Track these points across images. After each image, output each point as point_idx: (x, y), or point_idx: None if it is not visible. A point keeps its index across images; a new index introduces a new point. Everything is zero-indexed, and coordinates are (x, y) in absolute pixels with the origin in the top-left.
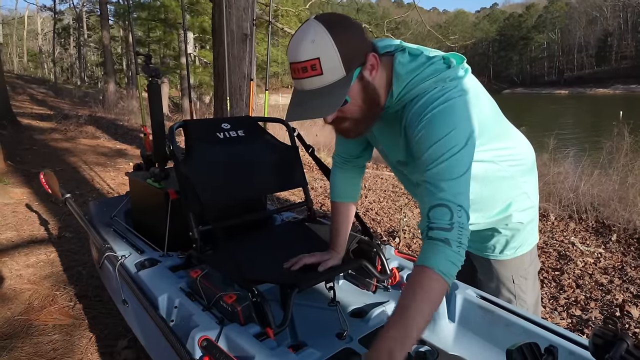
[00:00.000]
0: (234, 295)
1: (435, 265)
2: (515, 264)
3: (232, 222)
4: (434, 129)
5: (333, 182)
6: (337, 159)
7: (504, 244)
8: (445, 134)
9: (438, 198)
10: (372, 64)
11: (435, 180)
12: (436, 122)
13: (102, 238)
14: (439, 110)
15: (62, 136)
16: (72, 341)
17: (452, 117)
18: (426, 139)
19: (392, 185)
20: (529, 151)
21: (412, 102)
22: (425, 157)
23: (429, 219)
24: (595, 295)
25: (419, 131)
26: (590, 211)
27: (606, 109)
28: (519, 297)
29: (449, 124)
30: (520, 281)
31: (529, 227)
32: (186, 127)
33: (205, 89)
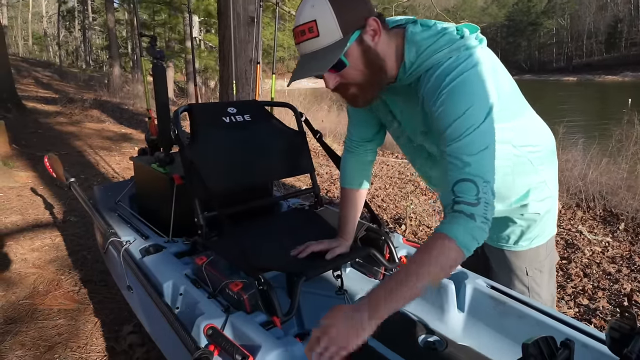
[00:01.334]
0: (240, 283)
1: (456, 236)
2: (530, 255)
3: (238, 208)
4: (453, 105)
5: (344, 167)
6: (349, 143)
7: (519, 235)
8: (464, 111)
9: (464, 172)
10: (373, 29)
11: (459, 154)
12: (454, 98)
13: (107, 223)
14: (456, 84)
15: (67, 120)
16: (77, 326)
17: (469, 91)
18: (446, 115)
19: (398, 172)
20: (548, 137)
21: (427, 73)
22: (448, 133)
23: (454, 194)
24: (602, 285)
25: (438, 107)
26: (598, 199)
27: (615, 96)
28: (532, 290)
29: (467, 100)
30: (534, 274)
31: (546, 218)
32: (191, 111)
33: (211, 74)
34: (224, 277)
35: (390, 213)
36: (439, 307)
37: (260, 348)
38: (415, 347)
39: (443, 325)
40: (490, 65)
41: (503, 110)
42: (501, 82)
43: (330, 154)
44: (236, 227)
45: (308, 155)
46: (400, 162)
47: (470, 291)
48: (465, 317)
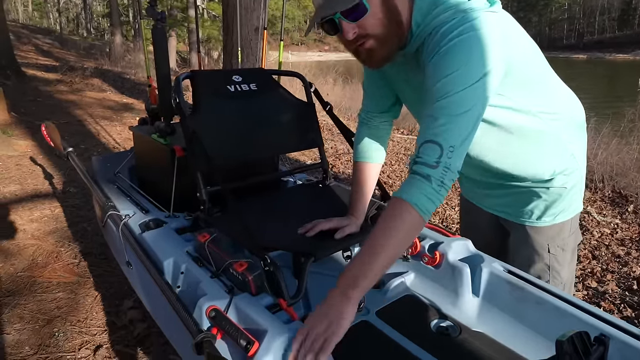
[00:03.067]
0: (245, 263)
1: (416, 202)
2: (554, 231)
3: (243, 183)
4: (446, 61)
5: (358, 140)
6: (364, 115)
7: (542, 210)
8: (456, 69)
9: (432, 134)
10: None
11: (436, 113)
12: (450, 54)
13: (105, 195)
14: (453, 44)
15: (67, 88)
16: (76, 299)
17: (467, 51)
18: (437, 71)
19: (404, 149)
20: (576, 107)
21: (430, 35)
22: (434, 90)
23: (418, 153)
24: (611, 267)
25: (432, 63)
26: (607, 180)
27: (625, 75)
28: (553, 269)
29: (462, 59)
30: (557, 251)
31: (573, 193)
32: (194, 79)
33: (214, 44)
34: (227, 256)
35: (395, 190)
36: (452, 292)
37: (267, 333)
38: (427, 333)
39: (457, 311)
40: (500, 31)
41: (516, 78)
42: (513, 49)
43: (340, 126)
44: (240, 203)
45: (317, 128)
46: (406, 138)
47: (486, 275)
48: (480, 303)
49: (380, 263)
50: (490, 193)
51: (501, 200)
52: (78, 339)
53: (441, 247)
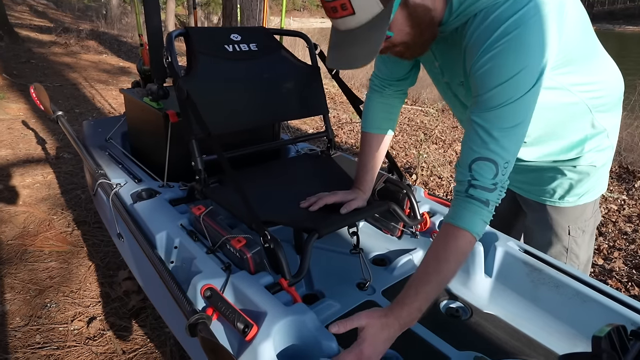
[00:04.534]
0: (243, 239)
1: (472, 228)
2: (576, 213)
3: (241, 151)
4: (502, 66)
5: (367, 108)
6: (377, 81)
7: (566, 189)
8: (514, 74)
9: (487, 149)
10: None
11: (489, 126)
12: (506, 56)
13: (96, 162)
14: (511, 38)
15: (62, 50)
16: (69, 269)
17: (526, 49)
18: (491, 76)
19: (408, 119)
20: (617, 83)
21: (476, 17)
22: (486, 97)
23: (471, 173)
24: (619, 245)
25: (484, 63)
26: (614, 155)
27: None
28: (571, 252)
29: (521, 60)
30: (577, 234)
31: (601, 172)
32: (188, 36)
33: (214, 8)
34: (224, 231)
35: (400, 161)
36: (464, 271)
37: (266, 315)
38: (436, 314)
39: (468, 291)
40: (557, 4)
41: (566, 57)
42: (567, 24)
43: (347, 93)
44: (239, 173)
45: (322, 93)
46: (410, 108)
47: (500, 255)
48: (493, 283)
49: (433, 292)
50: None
51: (523, 177)
52: (71, 310)
53: None
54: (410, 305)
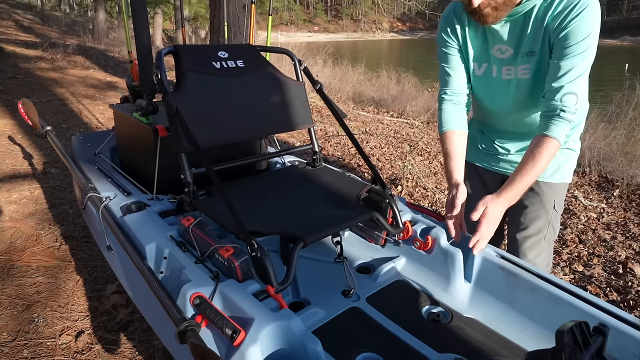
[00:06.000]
0: (231, 249)
1: (559, 137)
2: (559, 189)
3: (229, 165)
4: (584, 25)
5: (446, 112)
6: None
7: (555, 168)
8: (591, 31)
9: (572, 86)
10: None
11: (573, 66)
12: (588, 16)
13: (85, 176)
14: (590, 5)
15: (49, 65)
16: (57, 284)
17: (596, 17)
18: (578, 31)
19: (394, 132)
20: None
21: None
22: (575, 46)
23: (561, 102)
24: (598, 251)
25: (571, 22)
26: (594, 165)
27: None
28: (551, 226)
29: (594, 22)
30: (558, 209)
31: (574, 158)
32: (177, 53)
33: (201, 23)
34: (213, 241)
35: (386, 173)
36: (444, 277)
37: (253, 321)
38: (418, 319)
39: (448, 296)
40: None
41: None
42: None
43: (331, 107)
44: (227, 185)
45: (307, 108)
46: (396, 120)
47: (479, 261)
48: (473, 288)
49: (530, 183)
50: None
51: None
52: (59, 324)
53: (433, 232)
54: (515, 189)
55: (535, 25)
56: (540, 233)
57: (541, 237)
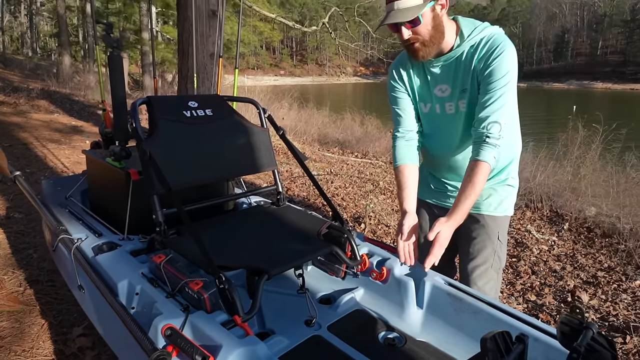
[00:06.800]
0: (201, 282)
1: (488, 160)
2: (503, 222)
3: (198, 205)
4: (503, 64)
5: (399, 148)
6: (405, 133)
7: (498, 202)
8: (509, 70)
9: (496, 116)
10: (442, 4)
11: (497, 97)
12: (506, 58)
13: (56, 219)
14: (507, 50)
15: (11, 110)
16: (21, 328)
17: (513, 58)
18: (498, 70)
19: (358, 172)
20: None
21: (482, 41)
22: (497, 82)
23: (487, 130)
24: (549, 282)
25: (492, 62)
26: (545, 200)
27: (560, 103)
28: (496, 255)
29: (511, 63)
30: (502, 240)
31: (514, 193)
32: (150, 104)
33: (168, 67)
34: (183, 276)
35: (350, 212)
36: (399, 304)
37: (221, 348)
38: (375, 344)
39: (402, 322)
40: None
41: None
42: None
43: (292, 150)
44: (196, 224)
45: (271, 152)
46: (360, 161)
47: (429, 288)
48: (424, 314)
49: (473, 203)
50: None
51: None
52: None
53: (388, 263)
54: (460, 211)
55: (465, 66)
56: (487, 262)
57: (488, 265)
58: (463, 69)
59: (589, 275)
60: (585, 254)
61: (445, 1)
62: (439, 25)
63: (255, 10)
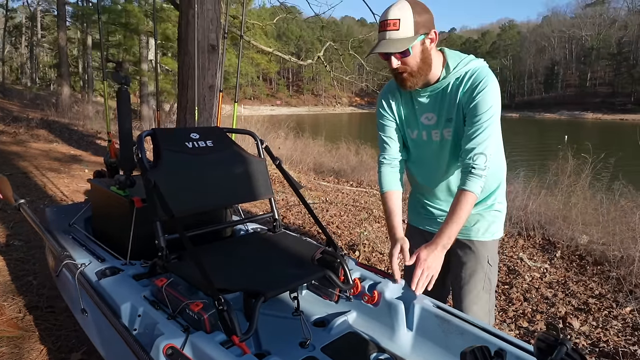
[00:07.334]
0: (201, 304)
1: (474, 190)
2: (492, 246)
3: (199, 231)
4: (488, 97)
5: (385, 175)
6: (388, 157)
7: (486, 227)
8: (492, 104)
9: (482, 148)
10: (431, 37)
11: (482, 129)
12: (489, 92)
13: (60, 245)
14: (490, 84)
15: (10, 139)
16: (21, 354)
17: (496, 91)
18: (483, 104)
19: (353, 200)
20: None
21: (467, 74)
22: (481, 116)
23: (473, 161)
24: (541, 308)
25: (478, 94)
26: (537, 229)
27: (552, 133)
28: (487, 277)
29: (495, 96)
30: (493, 262)
31: (501, 218)
32: (155, 136)
33: (166, 97)
34: (184, 298)
35: (345, 240)
36: (389, 327)
37: None
38: None
39: (393, 344)
40: None
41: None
42: None
43: (288, 179)
44: (197, 249)
45: (268, 181)
46: (355, 190)
47: (418, 311)
48: (414, 335)
49: (458, 229)
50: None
51: None
52: None
53: (379, 287)
54: (447, 236)
55: (450, 97)
56: (479, 285)
57: (480, 288)
58: (449, 100)
59: (580, 302)
60: (577, 281)
61: (434, 35)
62: (427, 58)
63: (254, 44)
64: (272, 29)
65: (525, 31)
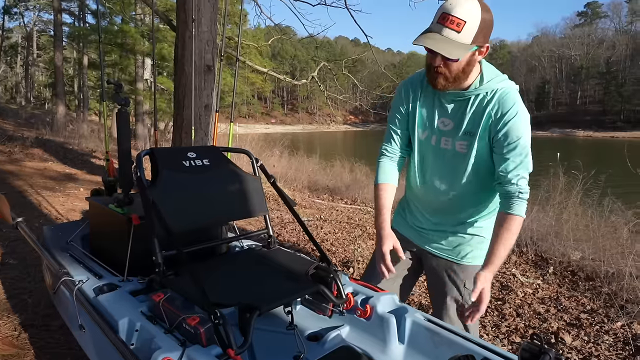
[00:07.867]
0: (197, 318)
1: (522, 214)
2: (470, 271)
3: (196, 247)
4: (521, 125)
5: (383, 167)
6: (390, 149)
7: (467, 251)
8: (525, 132)
9: (524, 171)
10: (482, 52)
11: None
12: (523, 120)
13: (58, 263)
14: (522, 107)
15: (5, 158)
16: None
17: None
18: (516, 130)
19: (347, 217)
20: None
21: (499, 92)
22: (517, 143)
23: (518, 186)
24: (533, 324)
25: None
26: (530, 245)
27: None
28: (464, 300)
29: (528, 120)
30: (469, 287)
31: (485, 244)
32: (153, 155)
33: (161, 116)
34: (180, 313)
35: (339, 256)
36: (382, 340)
37: None
38: None
39: (385, 357)
40: None
41: None
42: None
43: (282, 197)
44: (193, 265)
45: (262, 199)
46: (349, 207)
47: (409, 324)
48: (405, 348)
49: (506, 253)
50: (435, 235)
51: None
52: None
53: (371, 301)
54: (497, 263)
55: (476, 110)
56: (454, 304)
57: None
58: (473, 113)
59: (572, 317)
60: (569, 296)
61: (485, 51)
62: (468, 68)
63: (249, 65)
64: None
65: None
